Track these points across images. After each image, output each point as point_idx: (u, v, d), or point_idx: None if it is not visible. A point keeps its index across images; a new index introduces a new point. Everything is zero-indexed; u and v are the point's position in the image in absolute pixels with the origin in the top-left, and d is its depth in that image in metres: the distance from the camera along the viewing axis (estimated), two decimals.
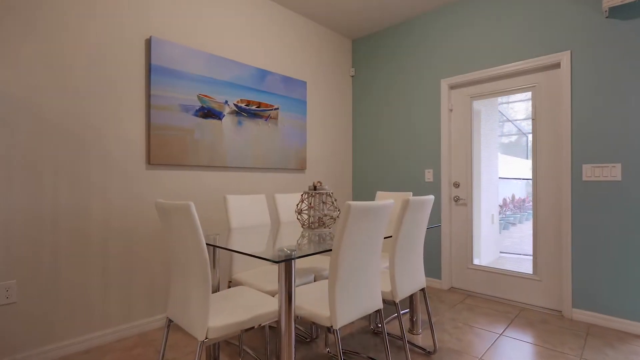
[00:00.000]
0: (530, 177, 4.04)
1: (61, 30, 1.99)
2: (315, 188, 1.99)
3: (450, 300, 2.87)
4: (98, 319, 2.10)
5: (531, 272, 2.75)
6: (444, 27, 3.19)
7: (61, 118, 1.98)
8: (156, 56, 2.34)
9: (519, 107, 3.57)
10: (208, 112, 2.63)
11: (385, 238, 1.73)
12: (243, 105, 2.85)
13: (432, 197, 1.89)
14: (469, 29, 3.03)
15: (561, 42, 2.54)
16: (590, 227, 2.39)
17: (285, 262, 1.33)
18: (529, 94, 2.82)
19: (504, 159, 3.63)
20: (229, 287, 2.11)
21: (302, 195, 2.02)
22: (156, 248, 2.36)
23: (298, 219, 2.02)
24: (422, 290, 1.99)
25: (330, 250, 1.46)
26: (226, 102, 2.74)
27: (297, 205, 2.01)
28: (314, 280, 2.11)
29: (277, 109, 3.11)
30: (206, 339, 1.31)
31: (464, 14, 3.07)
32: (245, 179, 2.88)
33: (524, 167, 4.10)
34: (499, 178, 3.61)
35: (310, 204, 1.97)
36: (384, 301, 1.79)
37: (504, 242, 3.71)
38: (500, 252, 3.82)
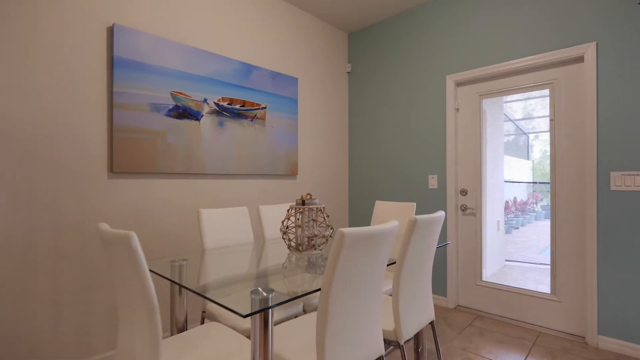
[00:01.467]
0: (534, 180, 3.74)
1: (4, 16, 1.65)
2: (303, 202, 1.67)
3: (458, 323, 2.56)
4: (48, 358, 1.77)
5: (548, 292, 2.45)
6: (450, 17, 2.88)
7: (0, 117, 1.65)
8: (120, 47, 2.01)
9: (517, 107, 3.30)
10: (183, 112, 2.30)
11: (388, 265, 1.42)
12: (225, 104, 2.53)
13: (442, 213, 1.58)
14: (478, 19, 2.72)
15: (585, 32, 2.24)
16: (620, 242, 2.10)
17: (260, 312, 1.01)
18: (538, 92, 2.52)
19: (508, 160, 3.37)
20: (202, 319, 1.79)
21: (288, 210, 1.70)
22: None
23: (283, 239, 1.70)
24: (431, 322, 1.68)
25: (319, 290, 1.15)
26: (205, 100, 2.42)
27: (283, 222, 1.70)
28: (303, 312, 1.80)
29: (265, 108, 2.79)
30: None
31: (472, 3, 2.76)
32: (227, 188, 2.55)
33: (526, 169, 3.82)
34: (505, 181, 3.35)
35: (297, 221, 1.66)
36: (385, 341, 1.48)
37: (507, 248, 3.44)
38: (506, 260, 3.54)
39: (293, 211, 1.69)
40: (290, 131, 2.99)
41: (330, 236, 1.71)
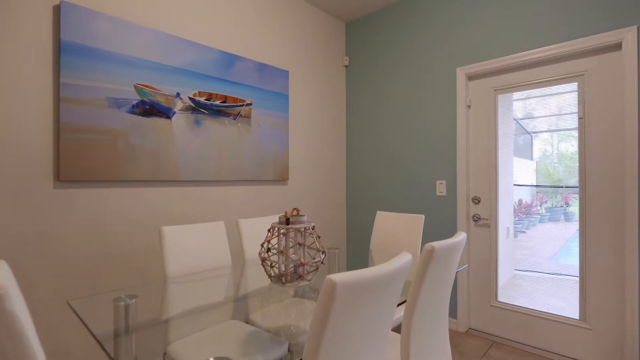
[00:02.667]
0: (538, 182, 3.45)
1: None
2: (287, 221, 1.33)
3: (471, 351, 2.23)
4: None
5: (577, 317, 2.12)
6: (461, 1, 2.54)
7: None
8: (69, 29, 1.66)
9: (517, 106, 3.04)
10: (151, 108, 1.96)
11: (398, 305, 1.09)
12: (202, 99, 2.18)
13: (463, 236, 1.25)
14: (493, 2, 2.38)
15: (623, 15, 1.90)
16: None
17: None
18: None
19: (518, 162, 3.08)
20: None
21: (268, 231, 1.36)
22: (64, 308, 1.68)
23: (263, 266, 1.36)
24: None
25: None
26: (178, 95, 2.07)
27: (262, 245, 1.35)
28: (288, 352, 1.46)
29: (250, 104, 2.45)
30: None
31: None
32: (204, 197, 2.20)
33: (530, 170, 3.54)
34: (515, 185, 3.04)
35: (279, 245, 1.32)
36: None
37: (515, 255, 3.17)
38: (515, 270, 3.25)
39: (275, 232, 1.35)
40: (280, 130, 2.64)
41: (322, 262, 1.37)
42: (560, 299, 2.27)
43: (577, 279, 2.15)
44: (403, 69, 2.88)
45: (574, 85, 2.16)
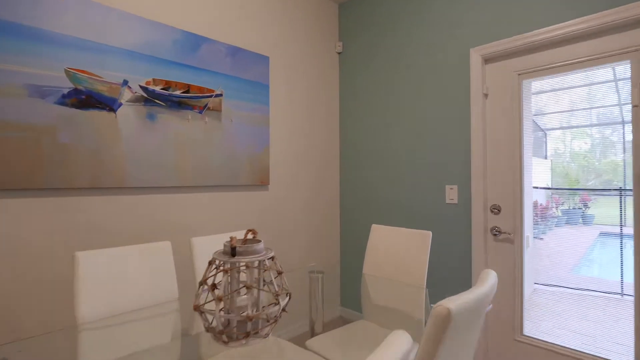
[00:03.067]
0: (553, 183, 3.06)
1: None
2: (233, 252, 0.92)
3: None
4: None
5: (632, 358, 1.67)
6: None
7: None
8: None
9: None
10: (88, 99, 1.57)
11: None
12: (157, 88, 1.79)
13: (494, 281, 0.82)
14: None
15: None
16: None
17: None
18: (617, 67, 1.74)
19: (537, 162, 2.67)
20: None
21: (207, 268, 0.95)
22: None
23: (201, 318, 0.95)
24: None
25: None
26: (125, 82, 1.68)
27: (200, 285, 0.95)
28: None
29: (220, 95, 2.05)
30: None
31: None
32: (162, 207, 1.81)
33: (545, 169, 3.19)
34: (534, 188, 2.61)
35: (221, 290, 0.91)
36: None
37: (534, 265, 2.76)
38: (535, 284, 2.82)
39: (215, 269, 0.93)
40: (259, 126, 2.24)
41: (284, 310, 0.96)
42: (597, 322, 1.83)
43: (615, 296, 1.72)
44: (406, 54, 2.45)
45: (621, 68, 1.71)
